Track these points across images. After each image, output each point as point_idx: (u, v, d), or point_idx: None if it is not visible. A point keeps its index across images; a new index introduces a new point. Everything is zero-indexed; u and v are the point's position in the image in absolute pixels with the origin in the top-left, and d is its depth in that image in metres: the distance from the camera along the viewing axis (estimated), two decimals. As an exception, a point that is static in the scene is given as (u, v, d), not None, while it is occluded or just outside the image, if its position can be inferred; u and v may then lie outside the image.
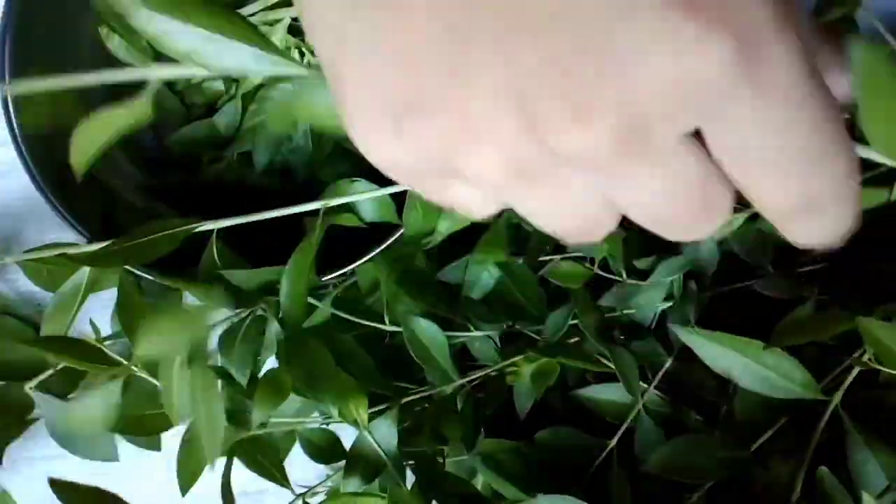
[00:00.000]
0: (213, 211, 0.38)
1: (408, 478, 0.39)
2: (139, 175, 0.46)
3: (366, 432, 0.38)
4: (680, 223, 0.19)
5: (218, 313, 0.45)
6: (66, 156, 0.43)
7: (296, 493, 0.41)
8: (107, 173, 0.43)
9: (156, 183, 0.45)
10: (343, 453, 0.41)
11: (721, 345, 0.33)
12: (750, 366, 0.32)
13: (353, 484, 0.38)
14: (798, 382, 0.32)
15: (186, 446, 0.40)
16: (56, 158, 0.40)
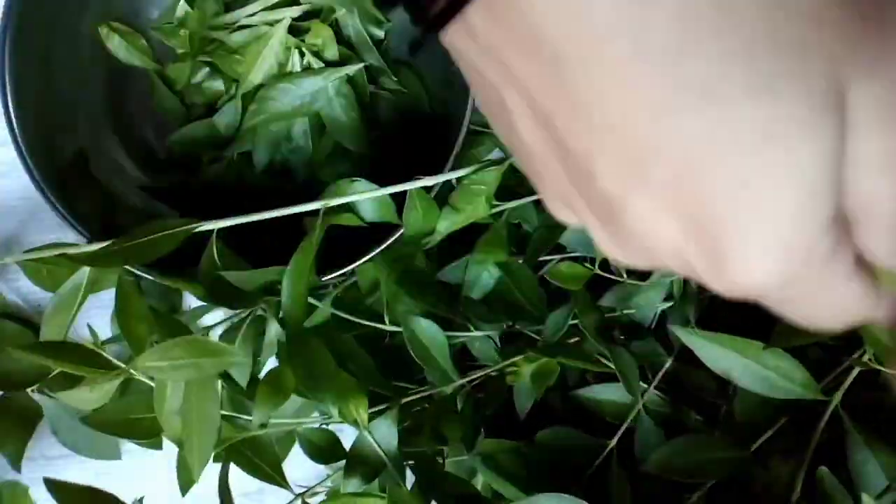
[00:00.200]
0: (213, 211, 0.38)
1: (408, 478, 0.39)
2: (139, 175, 0.45)
3: (366, 432, 0.38)
4: None
5: (217, 313, 0.45)
6: (66, 156, 0.43)
7: (295, 493, 0.41)
8: (107, 173, 0.43)
9: (156, 183, 0.45)
10: (343, 453, 0.41)
11: (721, 346, 0.33)
12: (750, 366, 0.32)
13: (353, 484, 0.38)
14: (798, 382, 0.32)
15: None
16: (56, 158, 0.41)
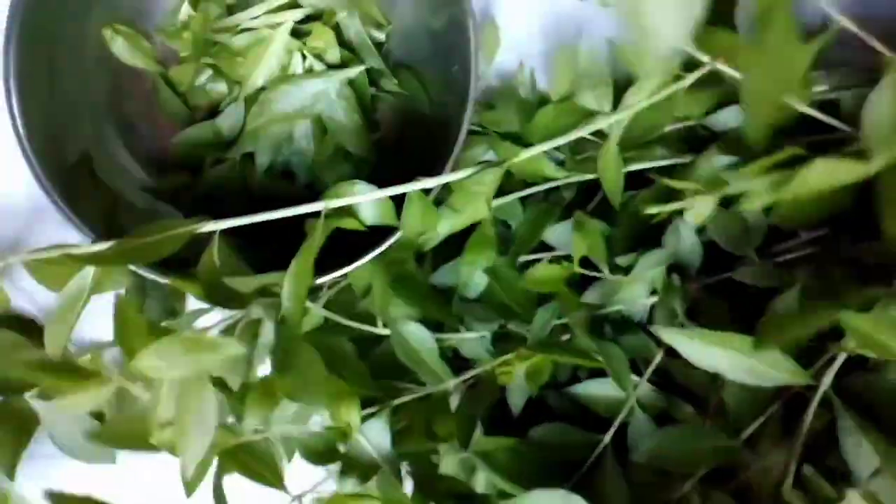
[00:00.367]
0: (216, 212, 0.38)
1: (406, 478, 0.39)
2: (143, 176, 0.46)
3: (358, 435, 0.38)
4: None
5: (216, 316, 0.45)
6: (70, 157, 0.43)
7: (292, 495, 0.41)
8: (111, 175, 0.43)
9: (159, 184, 0.46)
10: (339, 455, 0.41)
11: (705, 341, 0.32)
12: (736, 359, 0.32)
13: (350, 486, 0.38)
14: (785, 370, 0.31)
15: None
16: (60, 160, 0.41)
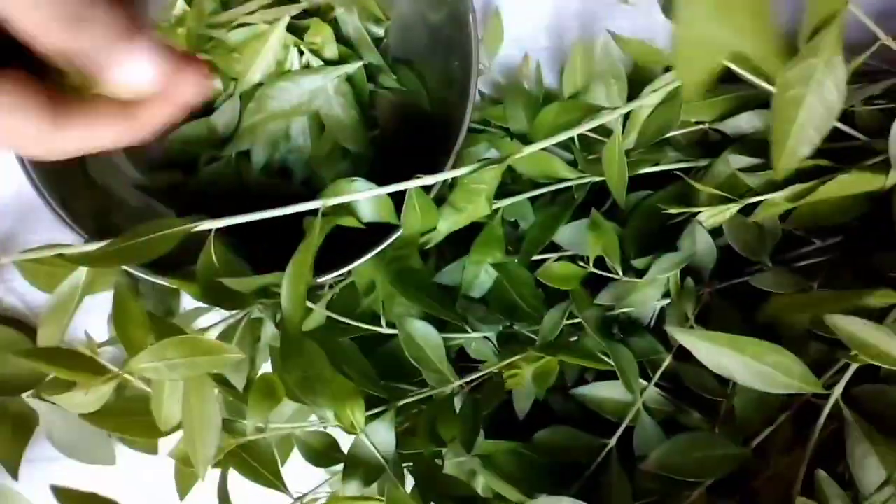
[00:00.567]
0: (211, 210, 0.38)
1: (408, 480, 0.38)
2: (136, 174, 0.45)
3: (362, 436, 0.37)
4: None
5: (214, 316, 0.45)
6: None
7: (294, 497, 0.41)
8: (103, 173, 0.43)
9: (153, 182, 0.45)
10: (341, 457, 0.41)
11: (717, 344, 0.32)
12: (748, 363, 0.32)
13: (353, 487, 0.37)
14: (797, 377, 0.31)
15: (184, 452, 0.39)
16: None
